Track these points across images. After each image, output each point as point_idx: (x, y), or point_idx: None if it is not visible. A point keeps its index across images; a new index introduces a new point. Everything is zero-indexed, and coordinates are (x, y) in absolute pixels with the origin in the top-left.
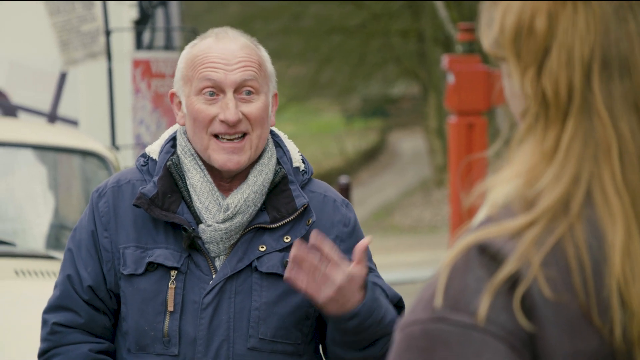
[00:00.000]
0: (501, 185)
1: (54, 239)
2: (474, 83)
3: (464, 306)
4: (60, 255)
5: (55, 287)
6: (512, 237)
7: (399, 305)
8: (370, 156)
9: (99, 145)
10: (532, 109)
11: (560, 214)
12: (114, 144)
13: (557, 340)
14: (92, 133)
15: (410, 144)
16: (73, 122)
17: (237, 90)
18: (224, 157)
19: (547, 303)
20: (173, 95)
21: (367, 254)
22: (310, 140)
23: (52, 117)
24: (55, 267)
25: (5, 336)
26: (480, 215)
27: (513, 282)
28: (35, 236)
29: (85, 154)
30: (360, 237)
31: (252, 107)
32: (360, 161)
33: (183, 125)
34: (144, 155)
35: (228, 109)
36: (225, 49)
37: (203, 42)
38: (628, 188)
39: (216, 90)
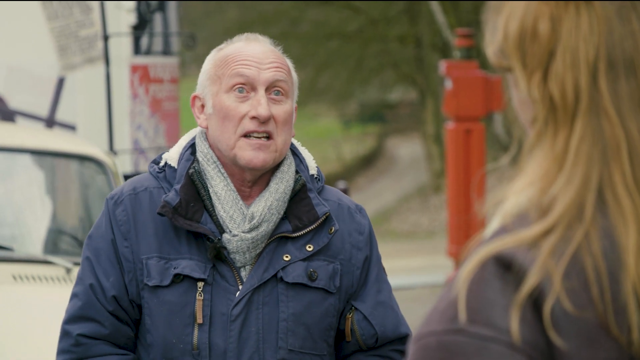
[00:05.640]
0: (515, 194)
1: (51, 244)
2: (471, 89)
3: (482, 319)
4: (58, 260)
5: (75, 296)
6: (529, 247)
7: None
8: (368, 161)
9: (97, 150)
10: (541, 114)
11: (575, 220)
12: (111, 149)
13: (577, 352)
14: (89, 138)
15: (407, 149)
16: (71, 127)
17: (267, 89)
18: (251, 153)
19: (566, 315)
20: (195, 98)
21: (378, 261)
22: (308, 145)
23: (50, 122)
24: (53, 272)
25: (4, 341)
26: (493, 225)
27: (534, 295)
28: (33, 241)
29: (83, 158)
30: (374, 242)
31: (280, 110)
32: (358, 166)
33: (205, 127)
34: (156, 161)
35: (260, 104)
36: (257, 50)
37: (233, 44)
38: (639, 188)
39: (247, 87)
